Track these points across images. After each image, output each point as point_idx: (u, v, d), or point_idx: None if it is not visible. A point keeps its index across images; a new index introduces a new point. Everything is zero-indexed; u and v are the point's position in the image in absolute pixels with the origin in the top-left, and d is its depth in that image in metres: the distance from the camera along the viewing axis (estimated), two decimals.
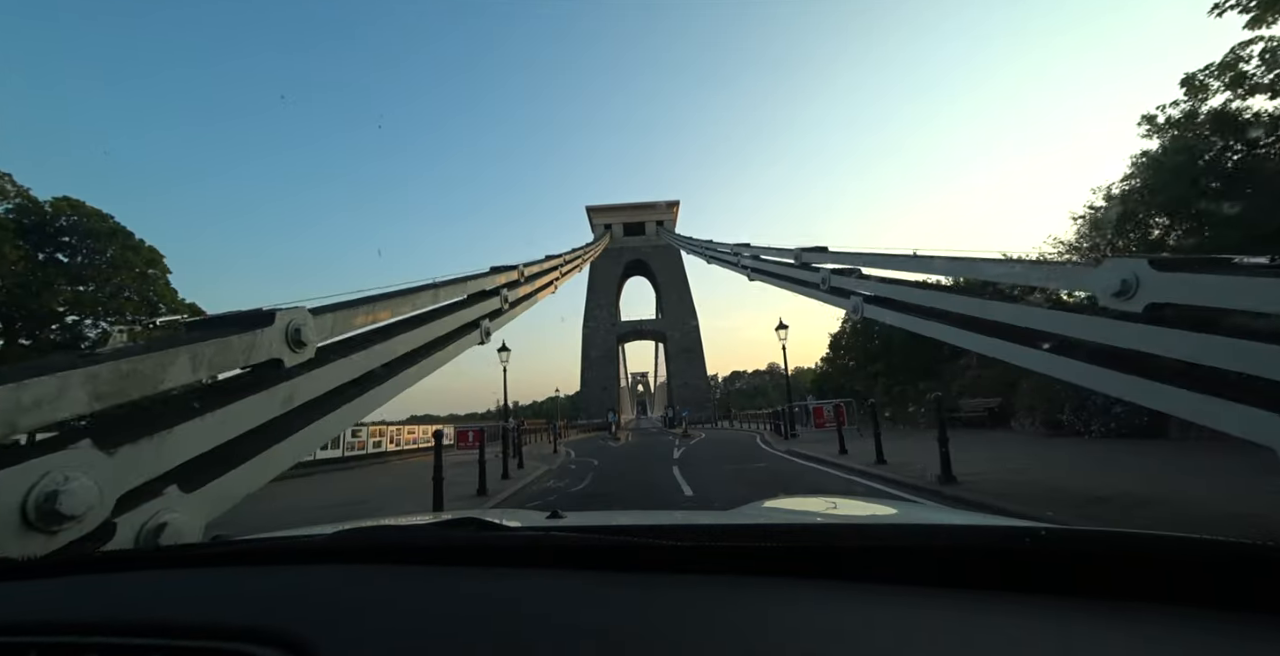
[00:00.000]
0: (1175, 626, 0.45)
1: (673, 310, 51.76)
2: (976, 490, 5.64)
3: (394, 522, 1.01)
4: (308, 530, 1.12)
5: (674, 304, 51.88)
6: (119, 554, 0.96)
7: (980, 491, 5.56)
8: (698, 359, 50.42)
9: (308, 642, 0.47)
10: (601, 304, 52.08)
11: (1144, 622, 0.45)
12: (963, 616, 0.48)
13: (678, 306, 51.73)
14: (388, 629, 0.50)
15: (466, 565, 0.69)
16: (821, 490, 7.10)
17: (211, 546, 0.93)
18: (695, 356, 50.45)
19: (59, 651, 0.52)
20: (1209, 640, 0.43)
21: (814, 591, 0.55)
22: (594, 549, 0.68)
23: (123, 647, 0.52)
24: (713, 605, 0.52)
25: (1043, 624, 0.46)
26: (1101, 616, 0.46)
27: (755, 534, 0.82)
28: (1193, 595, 0.47)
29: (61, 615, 0.60)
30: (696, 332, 51.21)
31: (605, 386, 49.68)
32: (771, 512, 1.33)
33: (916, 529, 0.84)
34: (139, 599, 0.66)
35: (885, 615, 0.49)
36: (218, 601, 0.62)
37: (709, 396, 50.04)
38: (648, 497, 7.18)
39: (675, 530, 0.83)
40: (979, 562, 0.56)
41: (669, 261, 52.93)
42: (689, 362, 50.18)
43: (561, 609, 0.53)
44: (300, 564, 0.76)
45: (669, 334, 51.04)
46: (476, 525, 0.86)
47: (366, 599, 0.58)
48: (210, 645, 0.49)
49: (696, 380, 49.91)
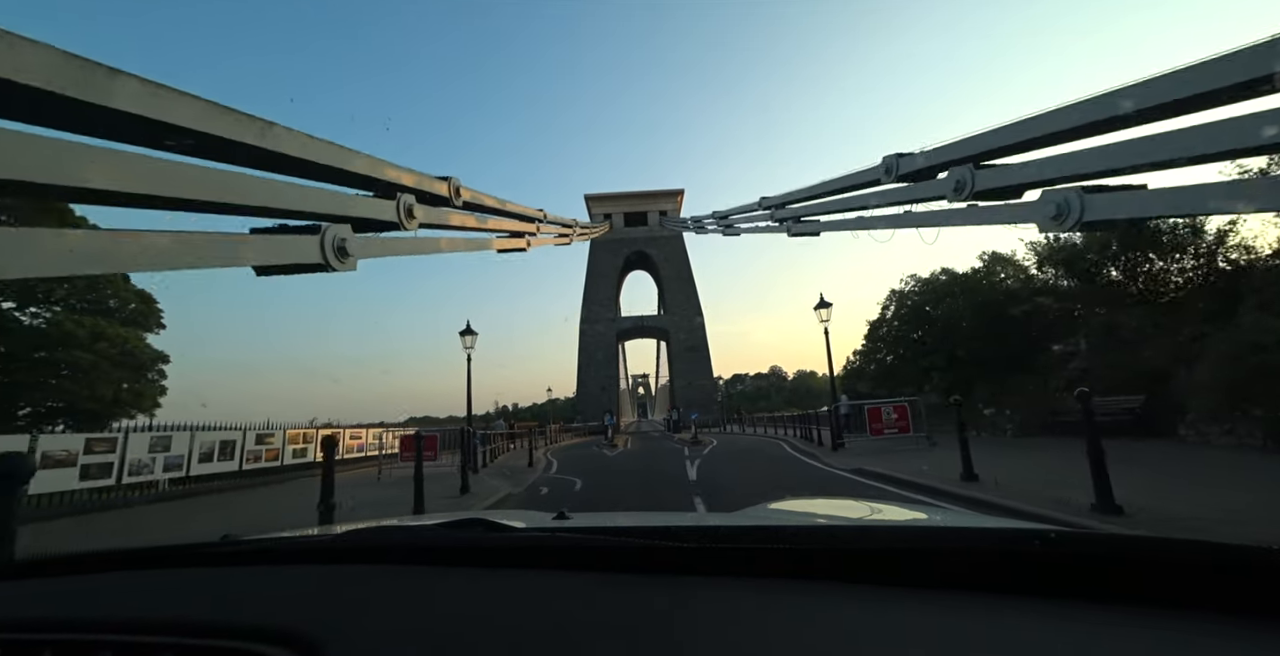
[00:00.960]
0: (1183, 630, 0.45)
1: (677, 305, 48.17)
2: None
3: (400, 523, 1.03)
4: (316, 530, 1.24)
5: (678, 299, 48.29)
6: (130, 552, 0.82)
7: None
8: (703, 358, 46.84)
9: (316, 642, 0.48)
10: (600, 299, 48.57)
11: (1152, 626, 0.45)
12: (970, 618, 0.48)
13: (682, 301, 48.16)
14: (395, 628, 0.50)
15: (473, 565, 0.69)
16: None
17: (220, 545, 0.88)
18: (700, 355, 46.87)
19: (72, 649, 0.53)
20: (1216, 643, 0.43)
21: (821, 593, 0.55)
22: (600, 550, 0.68)
23: (134, 645, 0.52)
24: (720, 607, 0.52)
25: (1051, 626, 0.46)
26: (1109, 619, 0.47)
27: (762, 536, 0.80)
28: (1200, 599, 0.47)
29: (74, 613, 0.60)
30: (702, 330, 47.63)
31: (604, 387, 46.16)
32: (778, 514, 1.33)
33: (924, 531, 0.82)
34: (149, 597, 0.66)
35: (893, 617, 0.49)
36: (226, 600, 0.62)
37: (714, 398, 46.42)
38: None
39: (682, 531, 0.80)
40: (987, 565, 0.55)
41: (673, 253, 49.44)
42: (694, 362, 46.57)
43: (568, 610, 0.53)
44: (308, 563, 0.76)
45: (672, 331, 47.42)
46: (483, 526, 0.86)
47: (374, 598, 0.59)
48: (219, 644, 0.50)
49: (702, 380, 46.29)
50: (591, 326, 47.62)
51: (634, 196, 51.14)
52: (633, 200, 51.03)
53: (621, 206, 50.66)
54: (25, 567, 0.81)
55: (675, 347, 47.58)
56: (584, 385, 46.22)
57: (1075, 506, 4.57)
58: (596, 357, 46.73)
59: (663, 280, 49.56)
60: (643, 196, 50.99)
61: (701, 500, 6.40)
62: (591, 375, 46.46)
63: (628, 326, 49.27)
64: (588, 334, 47.54)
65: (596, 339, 47.17)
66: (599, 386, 45.96)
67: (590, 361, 46.69)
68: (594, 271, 49.36)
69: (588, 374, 46.60)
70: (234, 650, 0.49)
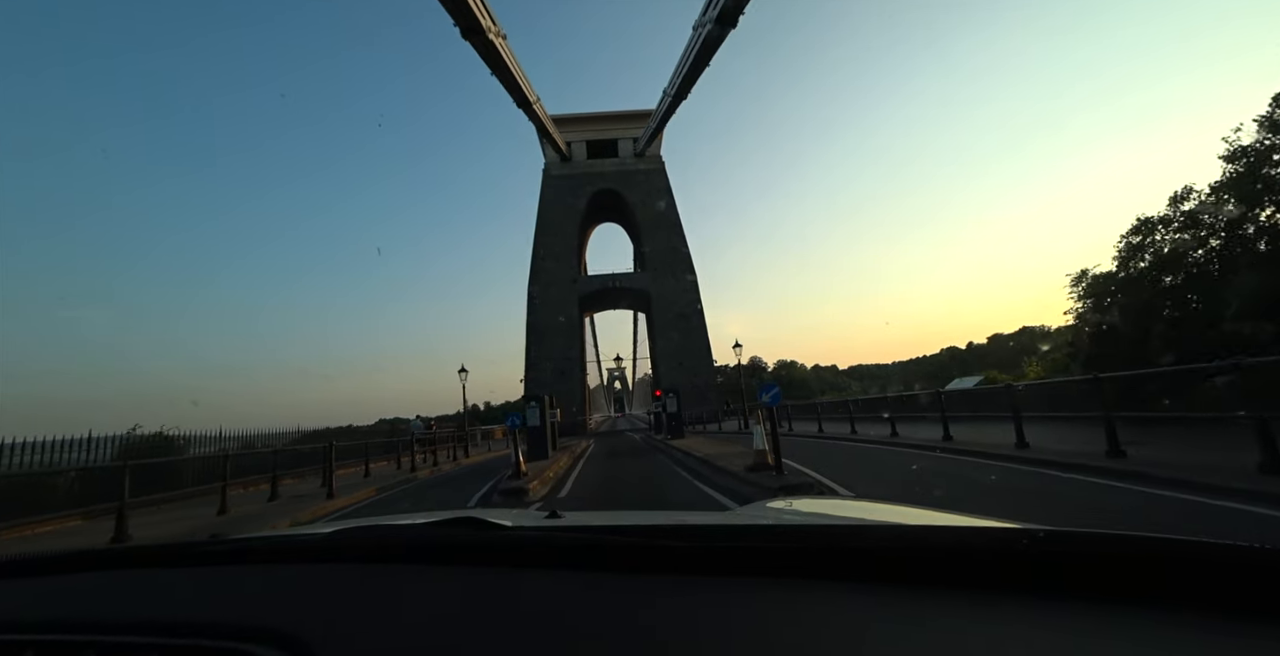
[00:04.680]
0: (1172, 627, 0.45)
1: (660, 260, 35.74)
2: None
3: (391, 521, 1.02)
4: (305, 529, 1.19)
5: (661, 252, 35.88)
6: (117, 551, 0.83)
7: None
8: (697, 329, 34.60)
9: (305, 641, 0.47)
10: (555, 252, 35.82)
11: (1141, 624, 0.45)
12: (962, 616, 0.48)
13: (667, 254, 35.77)
14: (385, 627, 0.49)
15: (465, 564, 0.67)
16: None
17: (209, 545, 0.86)
18: (693, 325, 34.63)
19: (56, 650, 0.52)
20: (1206, 641, 0.43)
21: (816, 592, 0.54)
22: (594, 549, 0.67)
23: (120, 646, 0.51)
24: (714, 606, 0.52)
25: (1042, 624, 0.46)
26: (1099, 617, 0.47)
27: (757, 535, 0.79)
28: (1191, 597, 0.47)
29: (59, 613, 0.60)
30: (695, 291, 35.38)
31: (563, 370, 33.60)
32: (773, 513, 1.30)
33: (917, 530, 0.83)
34: (136, 597, 0.65)
35: (885, 615, 0.49)
36: (215, 600, 0.61)
37: (712, 383, 34.23)
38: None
39: (676, 531, 0.81)
40: (979, 563, 0.55)
41: (653, 191, 36.93)
42: (685, 334, 34.30)
43: (561, 609, 0.53)
44: (298, 562, 0.75)
45: (655, 294, 35.01)
46: (474, 524, 0.85)
47: (364, 597, 0.58)
48: (208, 643, 0.49)
49: (695, 360, 34.00)
50: (544, 290, 34.91)
51: (600, 119, 38.52)
52: (598, 124, 38.39)
53: (583, 132, 38.04)
54: (7, 567, 0.79)
55: (659, 316, 35.19)
56: (534, 368, 33.52)
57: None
58: (550, 331, 34.06)
59: (640, 228, 37.07)
60: (611, 119, 38.40)
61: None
62: (544, 354, 33.73)
63: (594, 288, 36.61)
64: (539, 300, 34.80)
65: (552, 307, 34.50)
66: (555, 370, 33.32)
67: (542, 337, 33.99)
68: (546, 215, 36.58)
69: (539, 352, 33.86)
70: (222, 649, 0.48)
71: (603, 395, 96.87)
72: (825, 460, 8.29)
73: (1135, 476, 5.05)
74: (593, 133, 38.14)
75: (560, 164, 37.35)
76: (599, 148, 38.07)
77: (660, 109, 30.02)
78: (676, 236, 36.07)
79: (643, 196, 36.70)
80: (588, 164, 37.64)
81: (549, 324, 34.04)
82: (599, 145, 38.08)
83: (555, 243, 35.84)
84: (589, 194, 37.02)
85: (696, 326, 34.58)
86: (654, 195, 36.69)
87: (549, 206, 36.59)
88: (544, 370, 32.98)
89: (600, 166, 37.58)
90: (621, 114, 38.26)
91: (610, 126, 38.23)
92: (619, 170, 37.35)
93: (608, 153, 38.02)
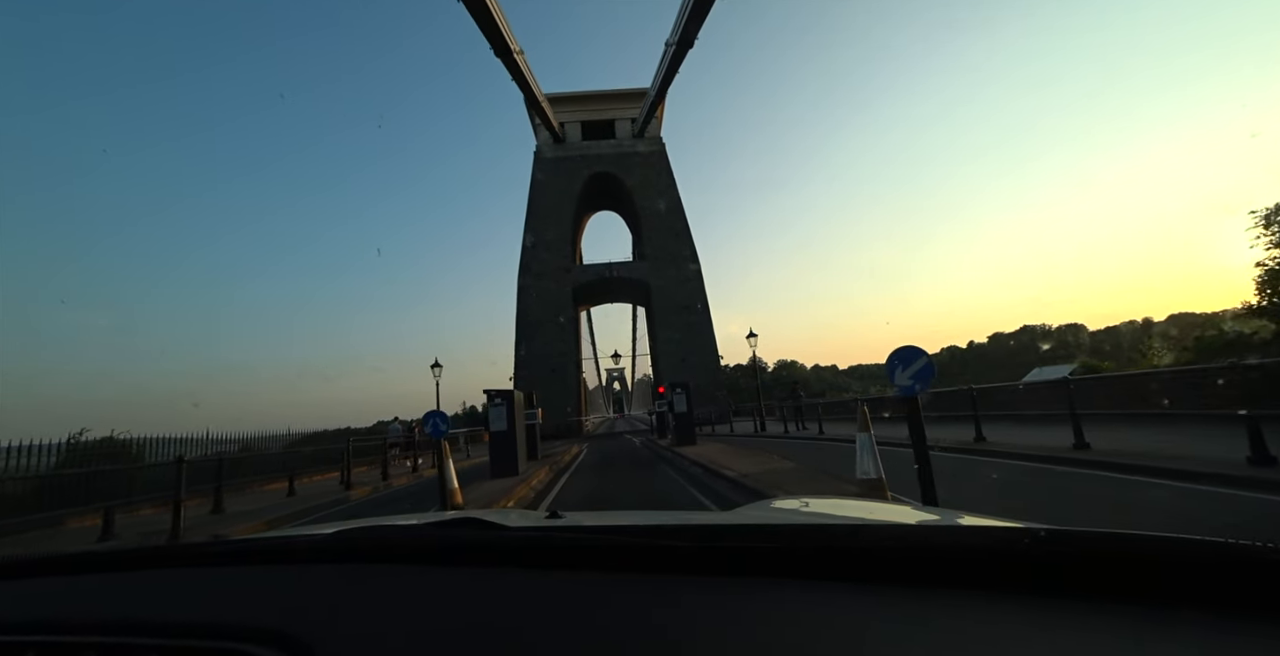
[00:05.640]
0: (1173, 627, 0.45)
1: (661, 248, 32.99)
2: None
3: (392, 522, 1.01)
4: (307, 529, 1.16)
5: (662, 239, 33.13)
6: (117, 552, 0.82)
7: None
8: (702, 322, 31.85)
9: (305, 641, 0.47)
10: (547, 240, 33.06)
11: (1141, 624, 0.45)
12: (964, 616, 0.48)
13: (669, 241, 33.02)
14: (386, 628, 0.49)
15: (466, 565, 0.67)
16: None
17: (210, 545, 0.87)
18: (698, 318, 31.87)
19: (56, 651, 0.52)
20: (1207, 640, 0.43)
21: (818, 592, 0.54)
22: (595, 549, 0.66)
23: (120, 647, 0.51)
24: (717, 607, 0.52)
25: (1043, 624, 0.46)
26: (1101, 617, 0.46)
27: (759, 535, 0.78)
28: (1191, 596, 0.47)
29: (59, 614, 0.60)
30: (699, 281, 32.62)
31: (554, 368, 30.80)
32: (772, 513, 1.30)
33: (918, 529, 0.83)
34: (137, 598, 0.65)
35: (887, 615, 0.49)
36: (216, 600, 0.61)
37: (720, 381, 31.46)
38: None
39: (677, 530, 0.80)
40: (979, 563, 0.55)
41: (652, 173, 34.21)
42: (689, 328, 31.54)
43: (562, 609, 0.53)
44: (299, 563, 0.74)
45: (655, 284, 32.25)
46: (476, 524, 0.84)
47: (365, 598, 0.58)
48: (208, 644, 0.49)
49: (701, 355, 31.23)
50: (536, 281, 32.14)
51: (596, 98, 35.78)
52: (594, 103, 35.66)
53: (578, 113, 35.30)
54: (6, 569, 0.79)
55: (660, 308, 32.44)
56: (524, 367, 30.74)
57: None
58: (543, 325, 31.30)
59: (639, 214, 34.30)
60: (608, 98, 35.66)
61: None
62: (535, 351, 30.96)
63: (590, 279, 33.84)
64: (530, 291, 32.03)
65: (544, 298, 31.74)
66: (547, 367, 30.54)
67: (534, 332, 31.23)
68: (538, 200, 33.83)
69: (530, 348, 31.08)
70: (222, 650, 0.48)
71: (601, 396, 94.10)
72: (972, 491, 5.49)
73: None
74: (588, 113, 35.43)
75: (553, 146, 34.59)
76: (595, 129, 35.36)
77: (662, 65, 27.09)
78: (678, 221, 33.34)
79: (641, 180, 33.97)
80: (583, 146, 34.92)
81: (541, 318, 31.29)
82: (595, 126, 35.37)
83: (548, 230, 33.09)
84: (584, 177, 34.27)
85: (701, 320, 31.85)
86: (654, 178, 33.99)
87: (541, 191, 33.86)
88: (534, 369, 30.19)
89: (596, 148, 34.87)
90: (619, 92, 35.52)
91: (607, 106, 35.51)
92: (616, 152, 34.63)
93: (604, 134, 35.31)
